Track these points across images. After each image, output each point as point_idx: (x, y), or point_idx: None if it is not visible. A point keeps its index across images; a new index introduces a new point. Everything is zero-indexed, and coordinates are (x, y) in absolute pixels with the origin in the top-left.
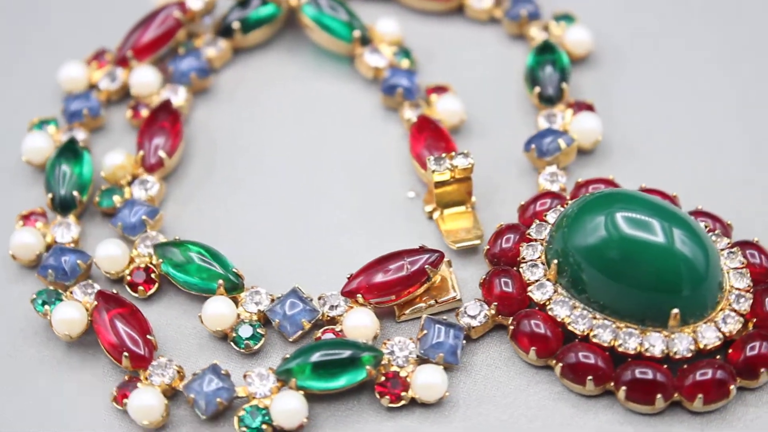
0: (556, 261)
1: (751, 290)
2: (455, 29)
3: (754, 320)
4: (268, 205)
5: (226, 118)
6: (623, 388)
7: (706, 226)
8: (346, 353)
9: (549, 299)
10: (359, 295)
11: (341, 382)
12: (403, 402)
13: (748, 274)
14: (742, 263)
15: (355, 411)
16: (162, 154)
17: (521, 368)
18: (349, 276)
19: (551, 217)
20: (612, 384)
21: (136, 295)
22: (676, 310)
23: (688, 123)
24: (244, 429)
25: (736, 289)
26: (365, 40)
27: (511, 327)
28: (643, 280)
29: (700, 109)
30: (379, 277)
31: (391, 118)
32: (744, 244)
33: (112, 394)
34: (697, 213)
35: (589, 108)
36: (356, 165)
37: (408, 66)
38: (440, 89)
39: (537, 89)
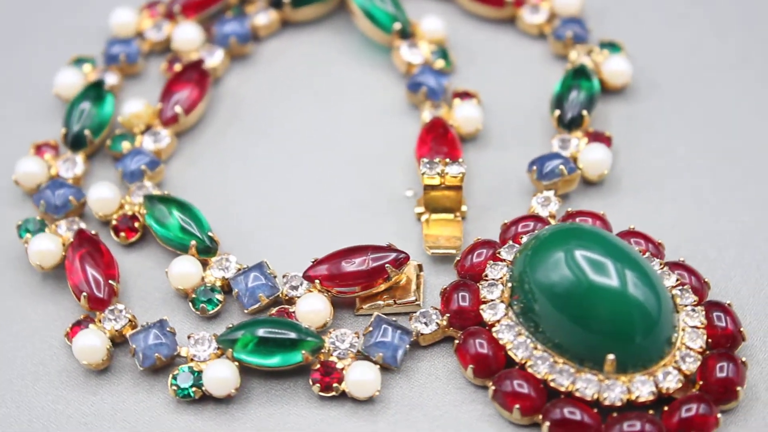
0: (510, 284)
1: (704, 352)
2: (504, 39)
3: (700, 383)
4: (269, 180)
5: (256, 88)
6: (547, 423)
7: (678, 280)
8: (291, 335)
9: (498, 321)
10: (317, 281)
11: (275, 360)
12: (333, 393)
13: (705, 336)
14: (702, 323)
15: (289, 392)
16: (178, 109)
17: (461, 384)
18: (314, 260)
19: (525, 240)
20: (540, 417)
21: (117, 240)
22: (612, 356)
23: (705, 173)
24: (174, 388)
25: (687, 347)
26: (405, 34)
27: (457, 341)
28: (595, 323)
29: (724, 163)
30: (340, 267)
31: (413, 115)
32: (713, 305)
33: (66, 330)
34: (676, 265)
35: (606, 140)
36: (365, 155)
37: (441, 66)
38: (466, 95)
39: (557, 112)
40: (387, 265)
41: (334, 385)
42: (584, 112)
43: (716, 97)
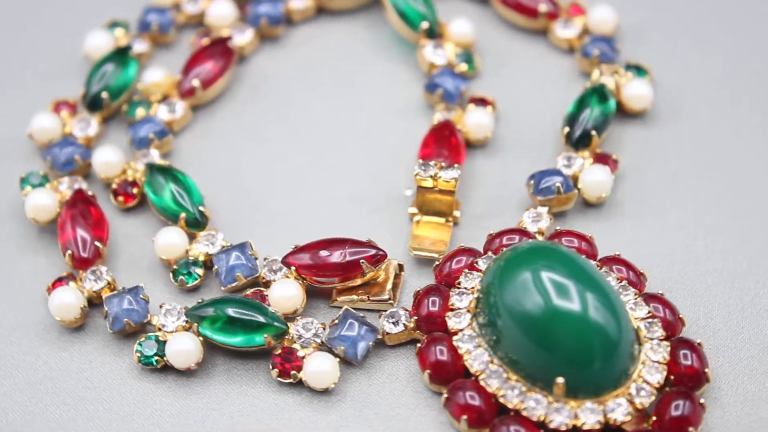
0: (476, 295)
1: (662, 388)
2: (533, 50)
3: (654, 419)
4: (275, 163)
5: (280, 71)
6: None
7: (649, 313)
8: (258, 318)
9: (461, 330)
10: (293, 268)
11: (238, 340)
12: (291, 380)
13: (665, 372)
14: (665, 359)
15: (250, 374)
16: (196, 83)
17: (419, 388)
18: (294, 246)
19: (500, 253)
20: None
21: (115, 204)
22: (561, 380)
23: (709, 208)
24: (138, 354)
25: (644, 380)
26: (432, 34)
27: (419, 345)
28: (555, 347)
29: (729, 201)
30: (318, 257)
31: (427, 116)
32: (681, 342)
33: (48, 285)
34: (652, 297)
35: (612, 163)
36: (373, 150)
37: (464, 70)
38: (482, 101)
39: (566, 129)
40: (362, 260)
41: (293, 372)
42: (593, 133)
43: (736, 133)
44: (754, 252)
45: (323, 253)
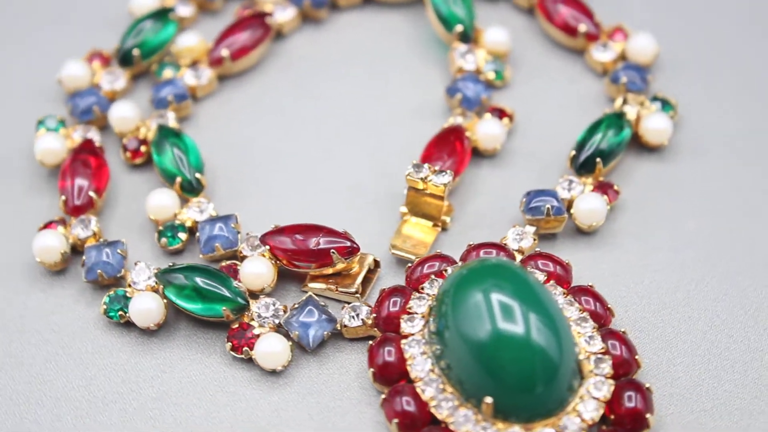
0: (430, 303)
1: (592, 425)
2: (568, 69)
3: None
4: (287, 144)
5: (315, 54)
6: None
7: (602, 349)
8: (222, 290)
9: (411, 334)
10: (267, 247)
11: (197, 307)
12: (242, 356)
13: (602, 410)
14: (605, 398)
15: (209, 343)
16: (225, 53)
17: (366, 385)
18: (274, 226)
19: (463, 264)
20: None
21: (123, 159)
22: (489, 400)
23: (702, 255)
24: (104, 307)
25: (578, 415)
26: (466, 38)
27: (371, 342)
28: (499, 373)
29: (724, 251)
30: (292, 241)
31: (446, 118)
32: (630, 384)
33: (39, 226)
34: (611, 334)
35: (612, 193)
36: (384, 145)
37: (490, 79)
38: (501, 112)
39: (572, 153)
40: (332, 250)
41: (245, 348)
42: (598, 160)
43: (748, 184)
44: (733, 306)
45: (298, 237)
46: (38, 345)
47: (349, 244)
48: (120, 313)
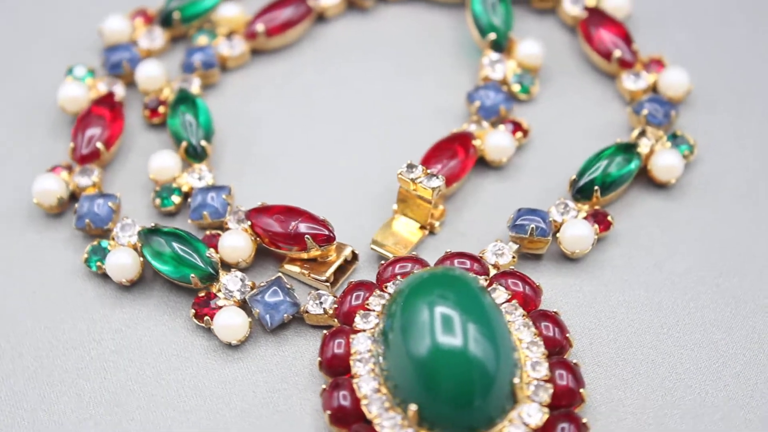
0: (384, 302)
1: None
2: (598, 92)
3: None
4: (304, 125)
5: (353, 42)
6: None
7: (546, 375)
8: (194, 258)
9: (363, 330)
10: (248, 223)
11: (167, 269)
12: (203, 325)
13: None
14: (536, 426)
15: (178, 307)
16: (260, 28)
17: (316, 373)
18: (261, 203)
19: (422, 270)
20: None
21: (142, 116)
22: (414, 407)
23: (685, 301)
24: (86, 256)
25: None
26: (498, 47)
27: (325, 332)
28: (437, 388)
29: (706, 304)
30: (272, 221)
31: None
32: (565, 417)
33: (47, 169)
34: (561, 363)
35: (605, 223)
36: (398, 142)
37: (515, 91)
38: (517, 126)
39: (573, 177)
40: (307, 236)
41: (206, 318)
42: (596, 188)
43: (745, 235)
44: (700, 358)
45: (279, 218)
46: (17, 281)
47: (326, 232)
48: (98, 264)
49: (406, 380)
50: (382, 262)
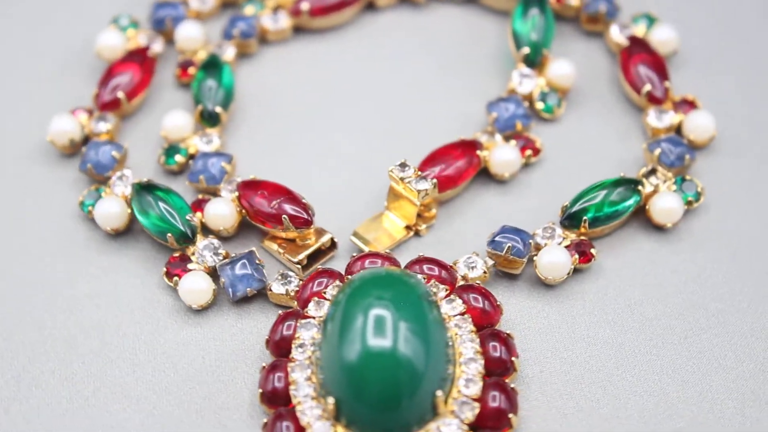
0: (331, 299)
1: None
2: (625, 124)
3: None
4: (327, 107)
5: (394, 35)
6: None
7: (477, 396)
8: (175, 219)
9: (312, 316)
10: (236, 194)
11: (148, 224)
12: (172, 285)
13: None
14: None
15: (157, 263)
16: (305, 7)
17: (265, 354)
18: (253, 177)
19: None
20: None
21: (174, 75)
22: (331, 401)
23: (644, 346)
24: (81, 198)
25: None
26: (530, 62)
27: (280, 312)
28: (363, 393)
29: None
30: (257, 196)
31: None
32: None
33: (69, 110)
34: (495, 385)
35: (586, 255)
36: (412, 143)
37: (538, 108)
38: (530, 143)
39: (566, 204)
40: (284, 216)
41: (175, 278)
42: (585, 218)
43: (729, 296)
44: (644, 405)
45: (263, 194)
46: (14, 212)
47: (305, 216)
48: (90, 208)
49: (334, 379)
50: (354, 254)
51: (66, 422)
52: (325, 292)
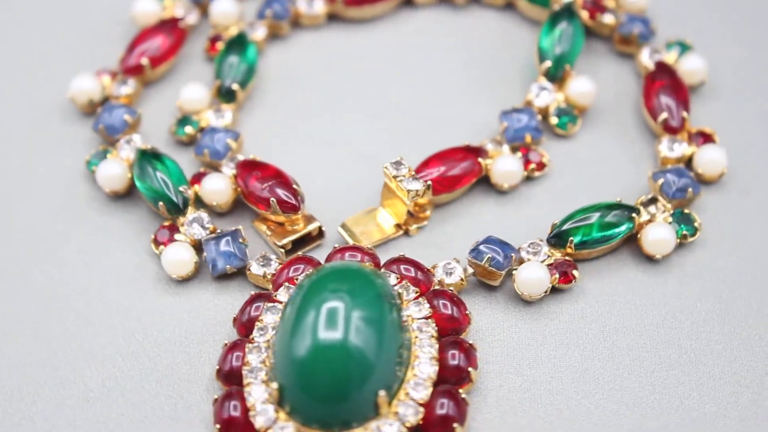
0: (290, 292)
1: None
2: (639, 151)
3: None
4: (344, 96)
5: (427, 33)
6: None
7: (424, 401)
8: (168, 190)
9: (279, 302)
10: (233, 172)
11: (143, 187)
12: (157, 252)
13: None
14: None
15: (145, 229)
16: None
17: (232, 333)
18: (253, 156)
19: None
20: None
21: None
22: (275, 386)
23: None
24: (88, 157)
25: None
26: (551, 76)
27: (252, 293)
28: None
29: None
30: (251, 177)
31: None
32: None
33: (96, 71)
34: (445, 393)
35: (567, 277)
36: (421, 144)
37: (552, 123)
38: (538, 158)
39: (556, 221)
40: (272, 198)
41: (161, 246)
42: (570, 239)
43: (706, 338)
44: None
45: (257, 174)
46: (24, 161)
47: (293, 201)
48: (94, 168)
49: (284, 368)
50: (336, 245)
51: (30, 371)
52: (297, 279)
